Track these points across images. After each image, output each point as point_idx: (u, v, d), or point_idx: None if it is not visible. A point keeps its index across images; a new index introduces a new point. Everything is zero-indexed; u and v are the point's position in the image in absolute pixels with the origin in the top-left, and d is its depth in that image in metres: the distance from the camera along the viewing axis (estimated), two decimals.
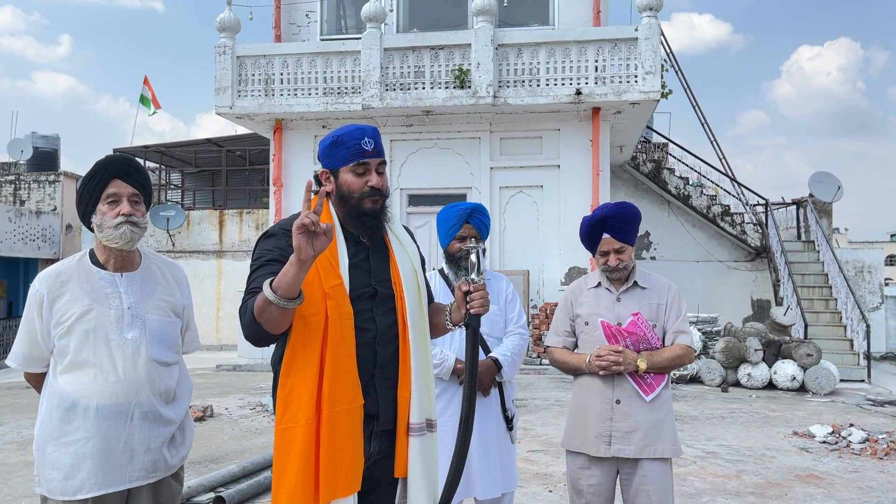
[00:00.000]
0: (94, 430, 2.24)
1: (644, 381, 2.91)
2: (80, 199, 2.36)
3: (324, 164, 2.29)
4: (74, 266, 2.34)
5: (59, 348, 2.28)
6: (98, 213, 2.32)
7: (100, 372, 2.26)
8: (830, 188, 15.73)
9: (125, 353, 2.30)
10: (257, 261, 2.17)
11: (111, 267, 2.37)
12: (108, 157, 2.37)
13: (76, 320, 2.27)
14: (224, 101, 13.03)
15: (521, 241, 13.20)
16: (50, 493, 2.25)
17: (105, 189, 2.32)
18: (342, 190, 2.24)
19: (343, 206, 2.25)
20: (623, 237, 2.99)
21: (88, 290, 2.30)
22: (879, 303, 15.71)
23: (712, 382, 10.71)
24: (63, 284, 2.29)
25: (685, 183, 16.28)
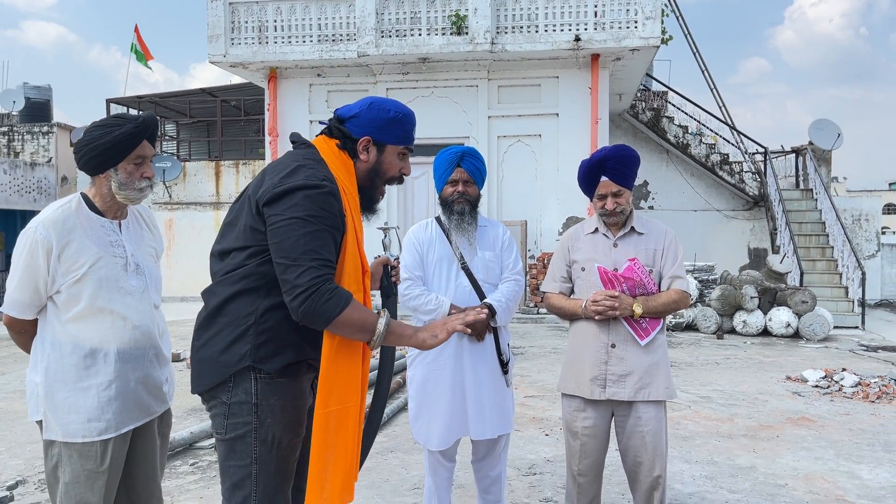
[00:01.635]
0: (116, 374, 2.34)
1: (639, 326, 2.93)
2: (102, 153, 2.33)
3: (372, 133, 2.16)
4: (75, 213, 2.34)
5: (68, 296, 2.30)
6: (122, 171, 2.36)
7: (117, 319, 2.35)
8: (830, 136, 15.62)
9: (135, 300, 2.40)
10: (319, 220, 1.95)
11: (110, 215, 2.41)
12: (143, 119, 2.39)
13: (90, 268, 2.31)
14: (217, 50, 12.82)
15: (518, 191, 13.16)
16: (67, 437, 2.29)
17: (135, 150, 2.37)
18: (381, 167, 2.20)
19: (368, 182, 2.20)
20: (621, 180, 2.97)
21: (94, 239, 2.34)
22: (875, 251, 15.75)
23: (708, 330, 10.81)
24: (70, 232, 2.30)
25: (684, 131, 16.15)
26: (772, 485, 4.22)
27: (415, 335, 1.99)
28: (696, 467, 4.53)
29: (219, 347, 2.04)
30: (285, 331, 2.03)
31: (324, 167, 2.06)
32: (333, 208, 1.99)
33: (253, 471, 2.01)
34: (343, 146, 2.16)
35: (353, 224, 2.06)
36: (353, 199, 2.11)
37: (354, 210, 2.10)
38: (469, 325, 3.12)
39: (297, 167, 2.02)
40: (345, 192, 2.06)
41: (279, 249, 1.94)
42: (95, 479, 2.29)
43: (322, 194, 1.97)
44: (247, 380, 2.02)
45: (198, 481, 4.28)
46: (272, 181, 2.00)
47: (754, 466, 4.54)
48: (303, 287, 1.90)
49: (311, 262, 1.91)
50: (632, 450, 2.94)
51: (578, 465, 3.01)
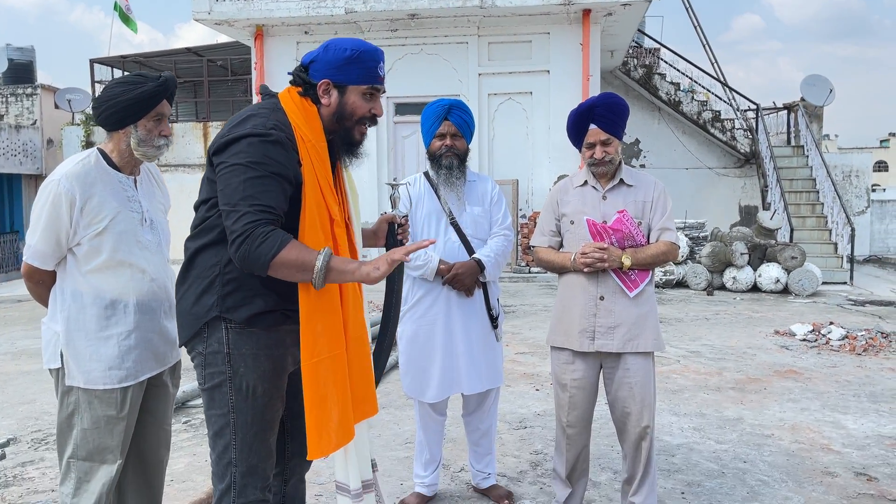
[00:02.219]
0: (135, 324, 2.42)
1: (628, 278, 2.93)
2: (124, 109, 2.38)
3: (331, 75, 2.08)
4: (95, 167, 2.40)
5: (90, 248, 2.37)
6: (142, 128, 2.42)
7: (136, 271, 2.43)
8: (822, 92, 15.54)
9: (151, 254, 2.49)
10: (262, 167, 1.91)
11: (126, 171, 2.49)
12: (165, 79, 2.44)
13: (111, 222, 2.37)
14: (201, 7, 12.57)
15: (509, 149, 13.07)
16: (89, 384, 2.38)
17: (155, 108, 2.42)
18: (345, 110, 2.11)
19: (336, 126, 2.13)
20: (610, 128, 2.94)
21: (113, 193, 2.41)
22: (865, 207, 15.80)
23: (698, 286, 10.87)
24: (91, 186, 2.36)
25: (676, 89, 16.02)
26: (758, 435, 4.28)
27: (358, 269, 1.92)
28: (685, 419, 4.58)
29: (190, 300, 2.08)
30: (251, 280, 2.02)
31: (278, 115, 2.03)
32: (279, 156, 1.95)
33: (231, 419, 2.04)
34: (305, 93, 2.11)
35: (316, 173, 2.02)
36: (315, 147, 2.05)
37: (317, 158, 2.04)
38: (456, 281, 3.15)
39: (249, 116, 2.01)
40: (303, 140, 2.02)
41: (222, 196, 1.95)
42: (115, 425, 2.39)
43: (267, 142, 1.94)
44: (218, 329, 2.04)
45: (190, 439, 4.31)
46: (222, 132, 2.01)
47: (741, 418, 4.60)
48: (237, 232, 1.88)
49: (248, 207, 1.89)
50: (620, 401, 2.96)
51: (567, 417, 3.03)
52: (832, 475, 3.67)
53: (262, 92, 2.19)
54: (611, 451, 3.97)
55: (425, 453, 3.34)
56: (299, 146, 2.01)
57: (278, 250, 1.86)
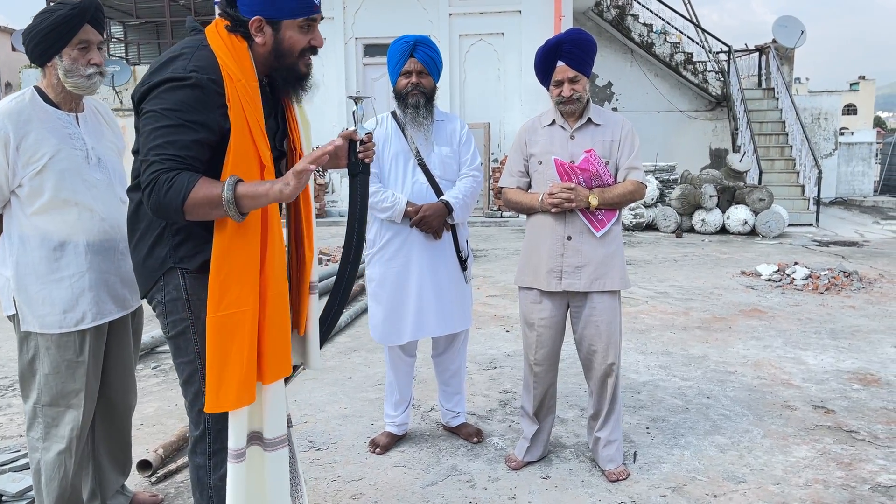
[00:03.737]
0: (88, 265, 2.36)
1: (595, 218, 2.93)
2: (44, 38, 2.29)
3: (262, 10, 1.92)
4: (29, 104, 2.31)
5: (31, 188, 2.29)
6: (66, 57, 2.31)
7: (84, 210, 2.35)
8: (794, 33, 15.50)
9: (101, 193, 2.40)
10: (175, 114, 1.80)
11: (65, 107, 2.39)
12: (83, 2, 2.31)
13: (50, 160, 2.29)
14: None
15: (481, 92, 12.92)
16: (44, 328, 2.33)
17: (76, 34, 2.30)
18: (282, 46, 1.97)
19: (277, 63, 1.99)
20: (577, 65, 2.90)
21: (52, 130, 2.32)
22: (833, 149, 15.98)
23: (667, 229, 10.98)
24: (26, 123, 2.27)
25: (649, 30, 15.87)
26: (722, 371, 4.38)
27: (271, 188, 1.80)
28: (651, 358, 4.67)
29: (143, 252, 2.01)
30: (200, 228, 1.92)
31: (203, 55, 1.89)
32: (196, 101, 1.82)
33: (198, 365, 2.00)
34: (234, 28, 1.95)
35: (245, 115, 1.88)
36: (245, 87, 1.91)
37: (246, 99, 1.90)
38: (424, 223, 3.12)
39: (170, 59, 1.88)
40: (231, 79, 1.88)
41: (139, 146, 1.87)
42: (76, 369, 2.36)
43: (183, 87, 1.81)
44: (175, 277, 1.98)
45: (160, 384, 4.30)
46: (144, 77, 1.88)
47: (706, 356, 4.71)
48: (145, 183, 1.80)
49: (155, 156, 1.79)
50: (586, 339, 3.00)
51: (535, 356, 3.07)
52: (791, 408, 3.78)
53: (189, 26, 2.06)
54: (578, 389, 4.05)
55: (395, 394, 3.37)
56: (227, 87, 1.86)
57: (187, 192, 1.77)
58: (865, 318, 5.65)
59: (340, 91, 12.90)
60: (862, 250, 9.30)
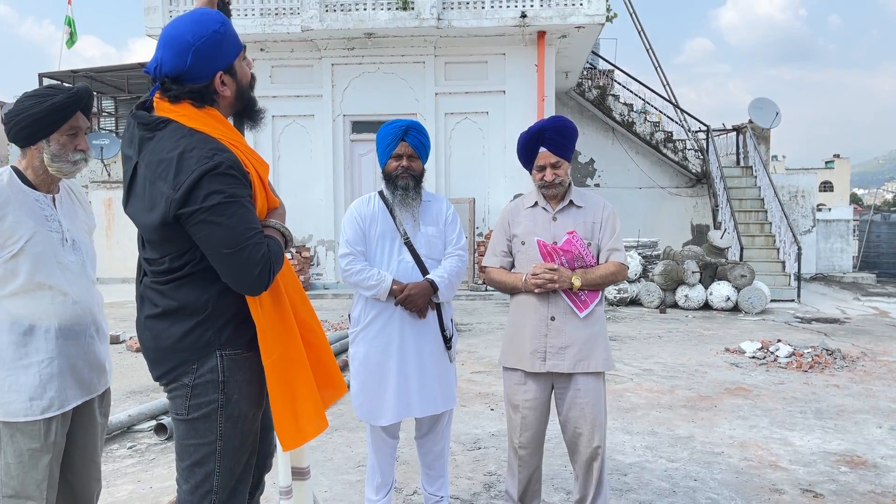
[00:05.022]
0: (57, 350, 2.30)
1: (578, 298, 2.95)
2: (34, 123, 2.29)
3: (218, 65, 1.95)
4: (7, 185, 2.29)
5: (4, 271, 2.26)
6: (54, 143, 2.32)
7: (57, 294, 2.32)
8: (769, 114, 16.01)
9: (74, 276, 2.37)
10: (233, 199, 1.86)
11: (43, 189, 2.38)
12: (77, 89, 2.35)
13: (26, 242, 2.26)
14: (154, 22, 12.40)
15: (466, 168, 13.14)
16: (9, 416, 2.25)
17: (68, 121, 2.32)
18: (242, 85, 2.05)
19: (239, 104, 2.07)
20: (560, 151, 2.97)
21: (29, 213, 2.30)
22: (811, 226, 16.28)
23: (651, 304, 11.03)
24: (4, 206, 2.25)
25: (629, 110, 16.35)
26: (709, 453, 4.33)
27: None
28: (637, 438, 4.62)
29: (176, 336, 1.96)
30: (241, 305, 1.97)
31: (202, 138, 1.91)
32: (237, 178, 1.89)
33: (217, 447, 1.96)
34: (201, 101, 1.97)
35: (255, 169, 1.99)
36: (246, 148, 2.00)
37: (249, 155, 2.00)
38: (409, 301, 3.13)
39: (180, 158, 1.86)
40: (236, 147, 1.96)
41: (218, 242, 1.86)
42: (39, 458, 2.27)
43: (220, 174, 1.84)
44: (213, 359, 1.96)
45: (135, 465, 4.18)
46: (168, 185, 1.85)
47: (693, 436, 4.66)
48: (259, 267, 1.89)
49: (252, 240, 1.89)
50: (571, 421, 2.97)
51: (519, 438, 3.03)
52: (780, 492, 3.73)
53: (145, 121, 1.97)
54: (563, 472, 3.98)
55: (377, 477, 3.29)
56: (237, 155, 1.94)
57: (283, 256, 1.99)
58: (850, 398, 5.64)
59: (328, 165, 13.07)
60: (844, 327, 9.36)
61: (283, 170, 13.15)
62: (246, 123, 2.14)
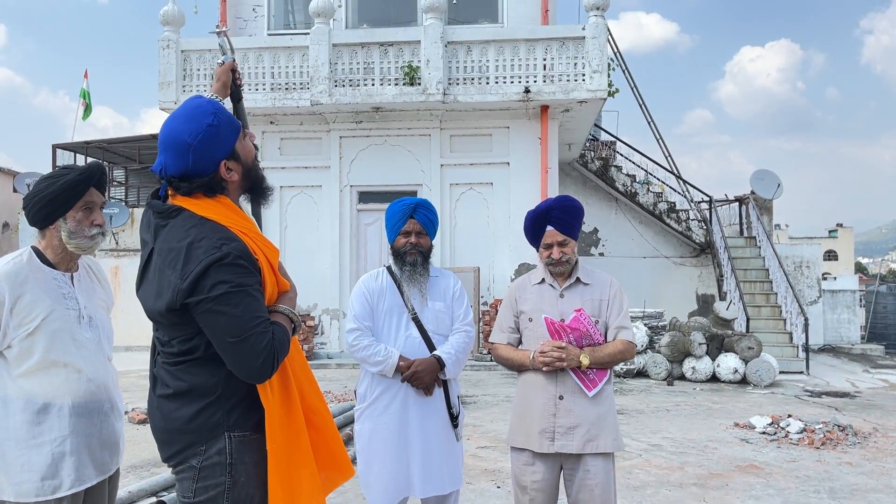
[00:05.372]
0: (71, 428, 2.30)
1: (587, 377, 2.93)
2: (49, 203, 2.34)
3: (220, 155, 1.99)
4: (27, 265, 2.33)
5: (20, 350, 2.27)
6: (71, 220, 2.36)
7: (72, 372, 2.32)
8: (771, 186, 16.18)
9: (89, 353, 2.39)
10: (241, 288, 1.88)
11: (62, 267, 2.42)
12: (89, 166, 2.41)
13: (43, 320, 2.28)
14: (168, 97, 12.73)
15: (471, 238, 13.23)
16: (20, 497, 2.23)
17: (82, 197, 2.37)
18: (247, 165, 2.07)
19: (247, 184, 2.10)
20: (566, 230, 3.01)
21: (47, 291, 2.33)
22: (817, 297, 16.22)
23: (658, 376, 10.91)
24: (22, 284, 2.29)
25: (632, 180, 16.55)
26: None
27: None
28: None
29: (185, 417, 1.96)
30: (250, 388, 1.97)
31: (213, 227, 1.94)
32: (245, 267, 1.91)
33: None
34: (212, 191, 2.01)
35: (265, 255, 2.01)
36: (256, 235, 2.03)
37: (259, 242, 2.02)
38: (415, 378, 3.12)
39: (189, 248, 1.89)
40: (246, 234, 1.98)
41: (223, 331, 1.88)
42: None
43: (227, 264, 1.87)
44: (221, 441, 1.95)
45: None
46: (176, 274, 1.88)
47: None
48: (264, 355, 1.89)
49: (258, 329, 1.88)
50: (581, 503, 2.91)
51: None
52: None
53: (161, 210, 2.02)
54: None
55: None
56: (247, 243, 1.96)
57: (288, 345, 1.98)
58: (863, 476, 5.52)
59: (334, 234, 13.18)
60: (855, 401, 9.23)
61: (289, 239, 13.26)
62: (255, 201, 2.18)
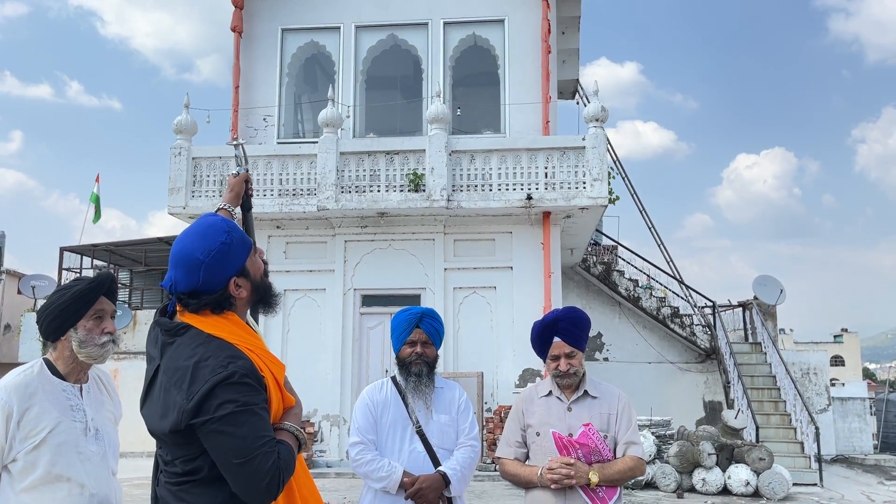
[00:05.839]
0: None
1: (596, 495, 2.85)
2: (60, 314, 2.35)
3: (230, 272, 2.00)
4: (37, 377, 2.33)
5: (25, 463, 2.23)
6: (81, 329, 2.35)
7: (74, 487, 2.28)
8: (774, 291, 16.22)
9: (93, 467, 2.35)
10: (247, 406, 1.86)
11: (72, 378, 2.41)
12: (98, 276, 2.43)
13: (49, 433, 2.26)
14: (177, 202, 12.99)
15: (475, 342, 13.15)
16: None
17: (92, 306, 2.37)
18: (255, 281, 2.09)
19: (256, 297, 2.11)
20: (574, 341, 3.01)
21: (55, 403, 2.32)
22: (827, 404, 15.92)
23: (667, 488, 10.56)
24: (31, 397, 2.27)
25: (635, 285, 16.61)
26: None
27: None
28: None
29: None
30: None
31: (220, 345, 1.93)
32: (252, 385, 1.89)
33: None
34: (220, 307, 2.01)
35: (271, 372, 1.99)
36: (263, 351, 2.02)
37: (265, 358, 2.01)
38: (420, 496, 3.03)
39: (196, 367, 1.87)
40: (253, 352, 1.97)
41: (228, 453, 1.84)
42: None
43: (233, 383, 1.85)
44: None
45: None
46: (181, 394, 1.86)
47: None
48: (269, 476, 1.83)
49: (263, 450, 1.84)
50: None
51: None
52: None
53: (168, 328, 2.03)
54: None
55: None
56: (253, 360, 1.94)
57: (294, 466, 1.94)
58: None
59: (336, 338, 13.12)
60: None
61: (291, 342, 13.19)
62: (262, 310, 2.19)
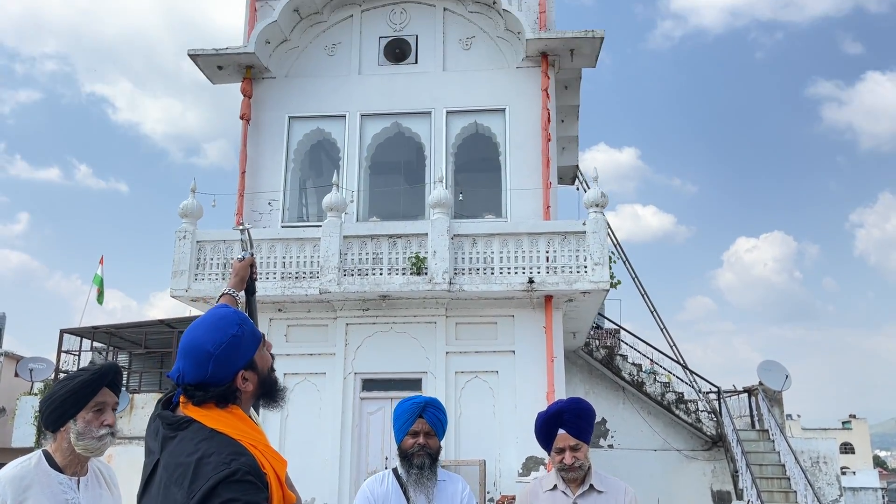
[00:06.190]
0: None
1: None
2: (62, 404, 2.33)
3: (239, 365, 1.99)
4: (34, 470, 2.31)
5: None
6: (80, 420, 2.34)
7: None
8: (779, 377, 16.04)
9: None
10: None
11: (69, 471, 2.38)
12: (103, 367, 2.41)
13: None
14: (180, 285, 13.04)
15: (477, 428, 12.92)
16: None
17: (94, 397, 2.35)
18: (262, 375, 2.07)
19: (262, 390, 2.08)
20: (578, 433, 2.97)
21: (50, 496, 2.28)
22: (839, 495, 15.49)
23: None
24: (26, 490, 2.25)
25: (638, 370, 16.45)
26: None
27: None
28: None
29: None
30: None
31: (223, 441, 1.90)
32: (254, 483, 1.84)
33: None
34: (224, 401, 1.98)
35: (273, 468, 1.94)
36: (261, 445, 1.97)
37: (268, 454, 1.96)
38: None
39: (199, 462, 1.84)
40: (254, 445, 1.93)
41: None
42: None
43: (236, 481, 1.80)
44: None
45: None
46: (183, 492, 1.82)
47: None
48: None
49: None
50: None
51: None
52: None
53: (165, 421, 1.99)
54: None
55: None
56: (256, 457, 1.90)
57: None
58: None
59: (336, 424, 12.90)
60: None
61: (290, 428, 12.95)
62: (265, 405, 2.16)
